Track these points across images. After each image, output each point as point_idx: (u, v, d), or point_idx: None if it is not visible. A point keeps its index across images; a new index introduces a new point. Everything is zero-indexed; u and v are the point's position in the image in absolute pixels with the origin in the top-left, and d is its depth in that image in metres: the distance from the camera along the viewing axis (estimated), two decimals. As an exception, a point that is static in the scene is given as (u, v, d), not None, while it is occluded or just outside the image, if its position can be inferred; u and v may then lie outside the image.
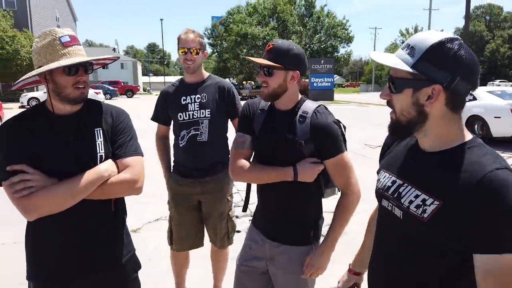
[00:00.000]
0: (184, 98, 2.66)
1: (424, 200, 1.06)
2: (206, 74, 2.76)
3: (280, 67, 1.72)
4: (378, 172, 1.34)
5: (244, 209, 2.07)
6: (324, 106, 1.83)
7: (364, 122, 15.11)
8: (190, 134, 2.64)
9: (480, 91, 10.57)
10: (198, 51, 2.60)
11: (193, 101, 2.64)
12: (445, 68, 1.01)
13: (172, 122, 2.81)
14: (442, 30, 1.11)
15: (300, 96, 1.85)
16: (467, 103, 9.86)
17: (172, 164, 2.88)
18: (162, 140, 2.93)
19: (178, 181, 2.74)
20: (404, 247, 1.14)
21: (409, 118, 1.08)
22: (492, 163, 0.99)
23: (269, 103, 1.88)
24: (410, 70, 1.03)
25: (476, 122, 10.17)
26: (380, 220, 1.30)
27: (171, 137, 2.91)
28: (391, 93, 1.12)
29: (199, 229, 2.83)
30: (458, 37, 1.05)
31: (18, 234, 1.79)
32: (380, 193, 1.25)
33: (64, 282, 1.54)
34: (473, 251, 0.99)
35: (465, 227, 0.98)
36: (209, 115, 2.62)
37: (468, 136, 1.09)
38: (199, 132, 2.62)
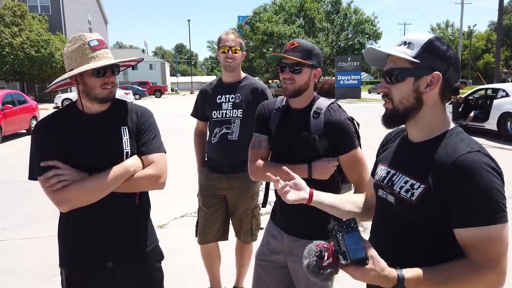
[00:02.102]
0: (220, 97, 2.76)
1: (412, 185, 1.18)
2: (243, 74, 2.85)
3: (309, 64, 1.79)
4: (374, 167, 1.44)
5: (264, 204, 2.12)
6: (338, 104, 1.88)
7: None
8: (222, 132, 2.73)
9: (514, 87, 10.19)
10: (238, 50, 2.70)
11: (227, 101, 2.74)
12: (442, 58, 1.17)
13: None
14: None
15: (314, 94, 1.91)
16: (499, 100, 9.50)
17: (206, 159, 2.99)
18: (199, 136, 3.04)
19: (207, 175, 2.84)
20: (395, 228, 1.25)
21: (407, 106, 1.20)
22: (466, 147, 1.12)
23: (284, 102, 1.94)
24: (413, 59, 1.17)
25: (509, 119, 9.80)
26: (376, 209, 1.41)
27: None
28: (389, 84, 1.23)
29: (224, 223, 2.90)
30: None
31: (51, 228, 1.92)
32: (377, 184, 1.36)
33: (91, 269, 1.65)
34: (455, 227, 1.10)
35: (445, 205, 1.10)
36: (241, 115, 2.70)
37: (450, 125, 1.23)
38: (230, 131, 2.71)
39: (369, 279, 1.06)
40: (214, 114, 2.76)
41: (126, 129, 1.68)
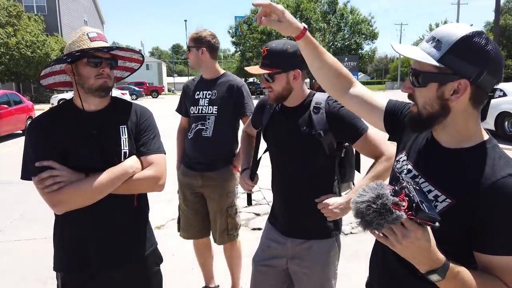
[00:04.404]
0: (198, 93, 2.77)
1: (436, 196, 1.06)
2: (221, 71, 2.83)
3: (279, 71, 1.73)
4: (398, 143, 1.31)
5: (249, 202, 2.19)
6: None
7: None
8: (197, 128, 2.73)
9: (511, 87, 10.19)
10: (190, 48, 2.72)
11: (204, 97, 2.74)
12: (473, 62, 0.99)
13: None
14: (472, 25, 1.08)
15: (308, 91, 1.87)
16: (496, 100, 9.43)
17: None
18: (182, 132, 3.02)
19: (184, 171, 2.84)
20: None
21: (431, 112, 1.07)
22: (505, 168, 1.00)
23: None
24: (437, 64, 1.01)
25: (506, 119, 9.81)
26: None
27: None
28: (413, 86, 1.10)
29: (204, 220, 2.88)
30: (483, 30, 1.03)
31: (48, 229, 1.88)
32: (397, 176, 1.22)
33: (88, 273, 1.60)
34: (481, 251, 1.01)
35: (473, 227, 1.00)
36: (216, 112, 2.70)
37: (485, 135, 1.09)
38: (204, 127, 2.71)
39: (418, 247, 0.93)
40: (192, 109, 2.77)
41: (125, 128, 1.64)
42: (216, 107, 2.69)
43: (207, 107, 2.71)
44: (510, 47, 44.47)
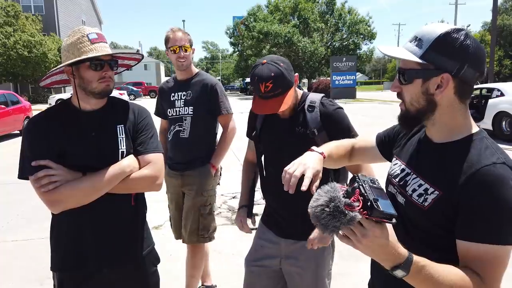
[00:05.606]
0: (173, 94, 2.77)
1: (426, 190, 1.10)
2: (195, 71, 2.82)
3: (289, 91, 1.70)
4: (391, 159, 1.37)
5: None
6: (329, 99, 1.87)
7: (387, 119, 14.85)
8: (175, 130, 2.75)
9: (509, 87, 10.22)
10: (188, 48, 2.68)
11: (179, 98, 2.74)
12: (453, 57, 1.04)
13: None
14: (469, 25, 1.12)
15: (301, 92, 1.87)
16: (494, 100, 9.45)
17: None
18: (163, 133, 3.00)
19: (167, 172, 2.84)
20: (402, 230, 1.14)
21: (419, 108, 1.11)
22: (490, 157, 1.02)
23: None
24: (419, 60, 1.06)
25: (504, 118, 9.84)
26: None
27: None
28: (401, 84, 1.14)
29: None
30: (464, 27, 1.07)
31: (45, 230, 1.88)
32: (389, 179, 1.29)
33: (85, 273, 1.59)
34: (460, 238, 1.02)
35: (458, 216, 1.02)
36: (192, 112, 2.69)
37: (474, 128, 1.12)
38: (182, 128, 2.72)
39: (379, 245, 0.92)
40: (169, 112, 2.78)
41: (122, 127, 1.63)
42: (192, 107, 2.69)
43: (183, 108, 2.71)
44: (508, 47, 44.59)
